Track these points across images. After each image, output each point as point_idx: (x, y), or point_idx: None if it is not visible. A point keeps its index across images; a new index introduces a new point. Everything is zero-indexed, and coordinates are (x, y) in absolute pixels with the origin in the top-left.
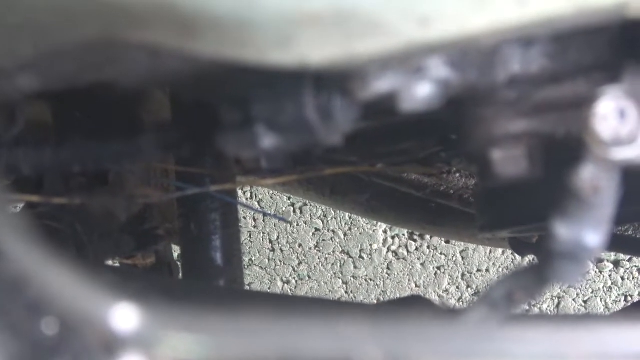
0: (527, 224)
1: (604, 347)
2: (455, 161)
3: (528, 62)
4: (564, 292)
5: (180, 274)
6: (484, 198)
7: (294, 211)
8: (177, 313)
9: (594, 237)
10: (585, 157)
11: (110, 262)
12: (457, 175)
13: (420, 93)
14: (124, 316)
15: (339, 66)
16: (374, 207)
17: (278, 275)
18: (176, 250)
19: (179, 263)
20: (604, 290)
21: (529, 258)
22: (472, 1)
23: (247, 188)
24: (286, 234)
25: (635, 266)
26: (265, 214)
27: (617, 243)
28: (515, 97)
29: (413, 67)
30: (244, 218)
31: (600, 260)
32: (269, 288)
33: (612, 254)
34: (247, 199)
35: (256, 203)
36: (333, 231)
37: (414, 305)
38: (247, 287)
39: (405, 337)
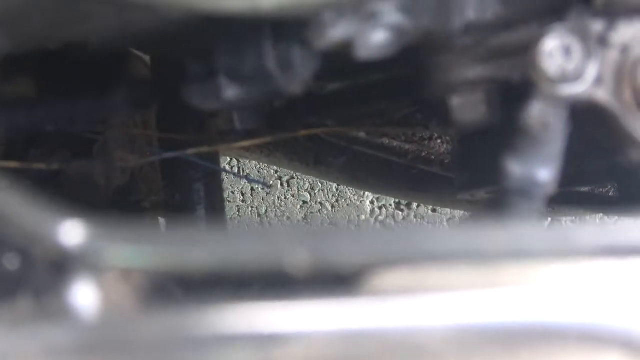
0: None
1: (518, 244)
2: (432, 123)
3: (483, 9)
4: None
5: None
6: (460, 158)
7: (281, 184)
8: (120, 226)
9: (545, 172)
10: (533, 95)
11: None
12: (439, 141)
13: (375, 40)
14: (71, 232)
15: (291, 11)
16: (357, 175)
17: None
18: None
19: None
20: None
21: None
22: None
23: (235, 163)
24: (274, 208)
25: None
26: (247, 180)
27: (597, 203)
28: (471, 44)
29: (366, 14)
30: (232, 193)
31: None
32: None
33: (597, 218)
34: (234, 174)
35: (239, 174)
36: (321, 203)
37: None
38: None
39: (333, 240)
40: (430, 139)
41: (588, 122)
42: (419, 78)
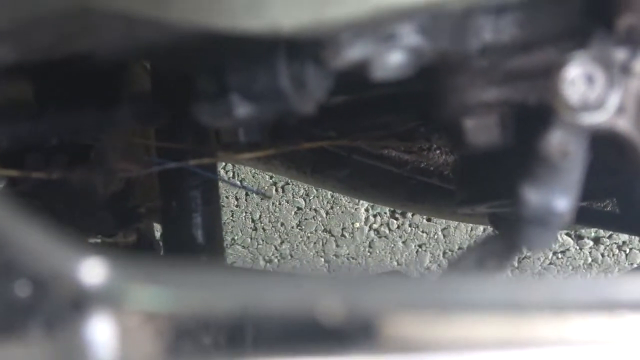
0: (504, 197)
1: (557, 295)
2: (434, 136)
3: (500, 31)
4: (545, 269)
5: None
6: (463, 173)
7: (276, 190)
8: (143, 266)
9: (563, 201)
10: (553, 123)
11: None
12: (437, 152)
13: (393, 61)
14: (92, 270)
15: (310, 32)
16: (355, 184)
17: (260, 255)
18: (158, 230)
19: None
20: (584, 267)
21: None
22: None
23: (229, 167)
24: (268, 213)
25: (615, 243)
26: (246, 189)
27: (596, 218)
28: (487, 66)
29: (384, 35)
30: (227, 197)
31: (581, 237)
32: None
33: (592, 231)
34: (228, 178)
35: (238, 182)
36: (315, 210)
37: None
38: None
39: (365, 289)
40: (429, 150)
41: (604, 148)
42: (432, 98)
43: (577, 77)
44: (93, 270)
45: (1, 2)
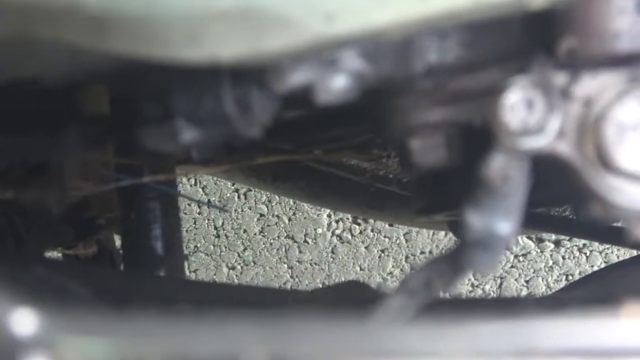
0: (461, 207)
1: (479, 342)
2: (391, 146)
3: (444, 52)
4: (506, 272)
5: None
6: (419, 182)
7: (238, 197)
8: (76, 315)
9: (505, 225)
10: (494, 147)
11: (54, 253)
12: (396, 159)
13: (336, 85)
14: (24, 320)
15: (249, 62)
16: (315, 192)
17: (223, 262)
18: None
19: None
20: (545, 270)
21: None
22: None
23: (192, 175)
24: (231, 220)
25: (576, 245)
26: (202, 203)
27: (554, 224)
28: (432, 87)
29: (327, 60)
30: (189, 205)
31: (542, 240)
32: (215, 274)
33: (553, 236)
34: (191, 185)
35: (200, 190)
36: (277, 216)
37: (351, 290)
38: (192, 274)
39: (293, 337)
40: (388, 157)
41: (550, 170)
42: (378, 119)
43: (517, 103)
44: (25, 321)
45: None
